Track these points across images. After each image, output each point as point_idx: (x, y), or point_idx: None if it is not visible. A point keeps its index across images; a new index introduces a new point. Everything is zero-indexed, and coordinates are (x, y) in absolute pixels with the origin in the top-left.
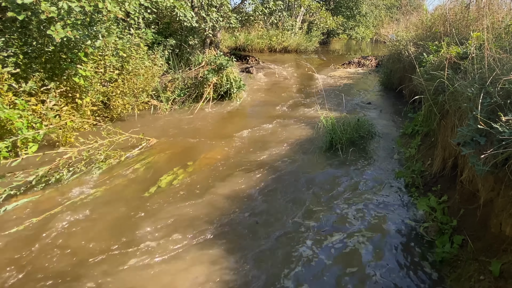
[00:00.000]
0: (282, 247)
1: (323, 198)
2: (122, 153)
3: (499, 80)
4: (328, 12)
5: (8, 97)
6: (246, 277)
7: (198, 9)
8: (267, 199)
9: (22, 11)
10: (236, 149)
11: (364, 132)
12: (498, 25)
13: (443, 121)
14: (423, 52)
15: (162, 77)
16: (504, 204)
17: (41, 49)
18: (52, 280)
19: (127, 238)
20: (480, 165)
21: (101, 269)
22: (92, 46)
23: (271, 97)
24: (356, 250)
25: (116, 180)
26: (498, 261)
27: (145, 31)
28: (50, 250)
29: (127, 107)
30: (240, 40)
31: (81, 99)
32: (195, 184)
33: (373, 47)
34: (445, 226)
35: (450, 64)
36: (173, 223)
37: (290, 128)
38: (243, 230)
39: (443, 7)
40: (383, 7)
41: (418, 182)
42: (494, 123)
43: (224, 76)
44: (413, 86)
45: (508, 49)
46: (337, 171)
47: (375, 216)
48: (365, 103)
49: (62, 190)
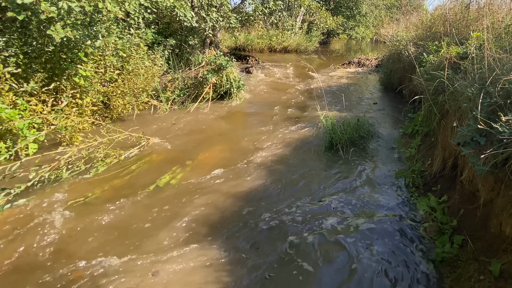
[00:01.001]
0: (280, 248)
1: (323, 198)
2: (121, 152)
3: (499, 80)
4: (328, 12)
5: (9, 97)
6: (242, 279)
7: (198, 9)
8: (267, 199)
9: (22, 11)
10: (235, 149)
11: (364, 132)
12: (498, 25)
13: (443, 121)
14: (423, 52)
15: (162, 77)
16: (504, 204)
17: (41, 49)
18: (47, 280)
19: (127, 237)
20: (480, 165)
21: (99, 269)
22: (92, 46)
23: (271, 97)
24: (356, 250)
25: (115, 179)
26: (498, 261)
27: (145, 31)
28: (47, 251)
29: (127, 107)
30: (240, 40)
31: (81, 99)
32: (194, 183)
33: (373, 47)
34: (445, 226)
35: (450, 64)
36: (172, 223)
37: (290, 128)
38: (243, 230)
39: (443, 7)
40: (383, 7)
41: (418, 182)
42: (494, 123)
43: (224, 76)
44: (413, 86)
45: (508, 49)
46: (337, 171)
47: (375, 216)
48: (367, 104)
49: (60, 189)
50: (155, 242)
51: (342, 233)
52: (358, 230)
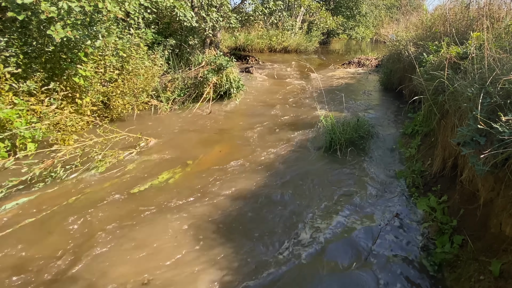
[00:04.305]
0: (279, 248)
1: (322, 198)
2: (120, 152)
3: (499, 80)
4: (328, 12)
5: (9, 97)
6: (248, 276)
7: (198, 9)
8: (267, 199)
9: (22, 11)
10: (235, 149)
11: (364, 132)
12: (498, 25)
13: (443, 121)
14: (423, 52)
15: (162, 77)
16: (504, 204)
17: (41, 49)
18: (47, 282)
19: (127, 237)
20: (480, 165)
21: (99, 268)
22: (92, 46)
23: (271, 97)
24: (355, 250)
25: (114, 179)
26: (498, 261)
27: (145, 31)
28: (47, 250)
29: (127, 107)
30: (240, 40)
31: (81, 99)
32: (195, 183)
33: (373, 47)
34: (445, 226)
35: (450, 64)
36: (172, 223)
37: (289, 128)
38: (243, 230)
39: (443, 7)
40: (383, 7)
41: (418, 182)
42: (494, 123)
43: (224, 76)
44: (413, 86)
45: (508, 49)
46: (337, 171)
47: (375, 216)
48: (366, 104)
49: (60, 189)
50: (156, 242)
51: (342, 233)
52: (357, 230)
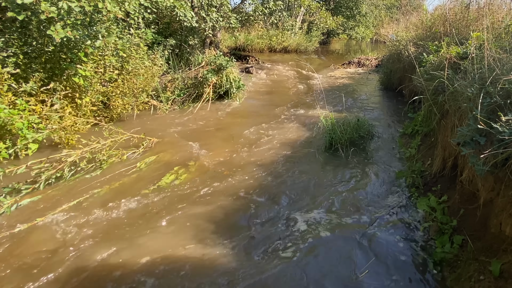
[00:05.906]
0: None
1: (322, 198)
2: (123, 151)
3: (499, 80)
4: (328, 12)
5: (8, 97)
6: (249, 278)
7: (198, 9)
8: (266, 199)
9: (22, 11)
10: (236, 149)
11: (364, 132)
12: (498, 25)
13: (443, 121)
14: (423, 52)
15: (162, 77)
16: (504, 204)
17: (41, 49)
18: (54, 279)
19: (128, 237)
20: (480, 165)
21: (104, 270)
22: (92, 46)
23: (271, 97)
24: (355, 250)
25: (117, 180)
26: (498, 261)
27: (145, 31)
28: (52, 251)
29: (127, 107)
30: (240, 40)
31: (80, 99)
32: (197, 183)
33: (373, 47)
34: (445, 226)
35: (450, 64)
36: (175, 223)
37: (290, 128)
38: (243, 229)
39: (443, 7)
40: (383, 7)
41: (418, 182)
42: (494, 123)
43: (224, 76)
44: (413, 86)
45: (508, 49)
46: (337, 171)
47: (374, 216)
48: (367, 104)
49: (64, 190)
50: (157, 242)
51: (339, 231)
52: (356, 229)
